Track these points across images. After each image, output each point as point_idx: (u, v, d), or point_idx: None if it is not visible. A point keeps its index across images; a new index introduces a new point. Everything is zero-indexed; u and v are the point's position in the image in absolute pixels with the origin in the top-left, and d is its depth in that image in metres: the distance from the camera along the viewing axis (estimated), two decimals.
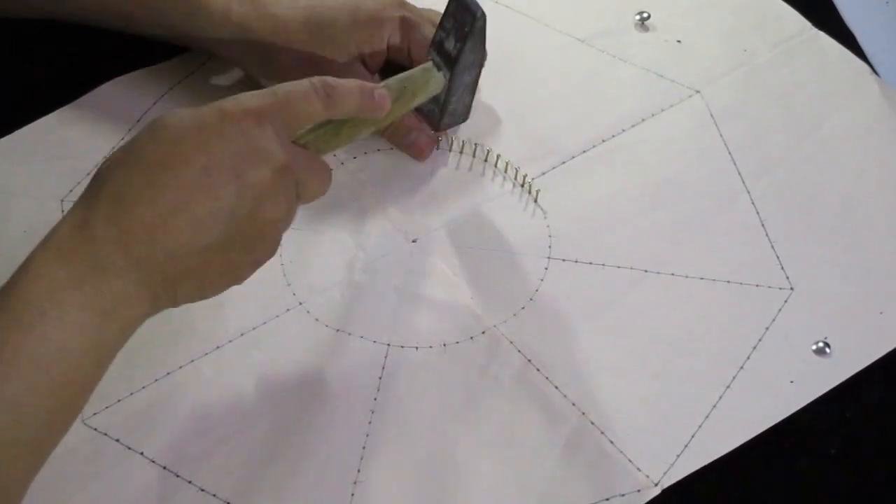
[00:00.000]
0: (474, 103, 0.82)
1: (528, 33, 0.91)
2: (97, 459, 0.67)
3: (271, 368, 0.71)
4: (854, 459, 0.71)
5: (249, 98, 0.61)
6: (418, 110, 0.79)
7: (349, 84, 0.65)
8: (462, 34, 0.74)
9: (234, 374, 0.71)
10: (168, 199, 0.57)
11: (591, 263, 0.78)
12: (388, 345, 0.73)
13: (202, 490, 0.67)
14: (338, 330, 0.73)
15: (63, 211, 0.78)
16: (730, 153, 0.84)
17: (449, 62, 0.75)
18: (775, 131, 0.86)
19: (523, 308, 0.76)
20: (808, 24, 0.92)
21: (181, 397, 0.70)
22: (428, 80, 0.74)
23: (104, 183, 0.58)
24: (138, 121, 0.83)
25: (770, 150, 0.85)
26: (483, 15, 0.74)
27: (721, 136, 0.85)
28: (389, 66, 0.80)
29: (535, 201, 0.81)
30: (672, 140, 0.85)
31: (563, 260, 0.78)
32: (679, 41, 0.91)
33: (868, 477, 0.70)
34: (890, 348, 0.75)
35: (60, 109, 0.83)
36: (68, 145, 0.82)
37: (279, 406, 0.70)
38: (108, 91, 0.85)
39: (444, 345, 0.73)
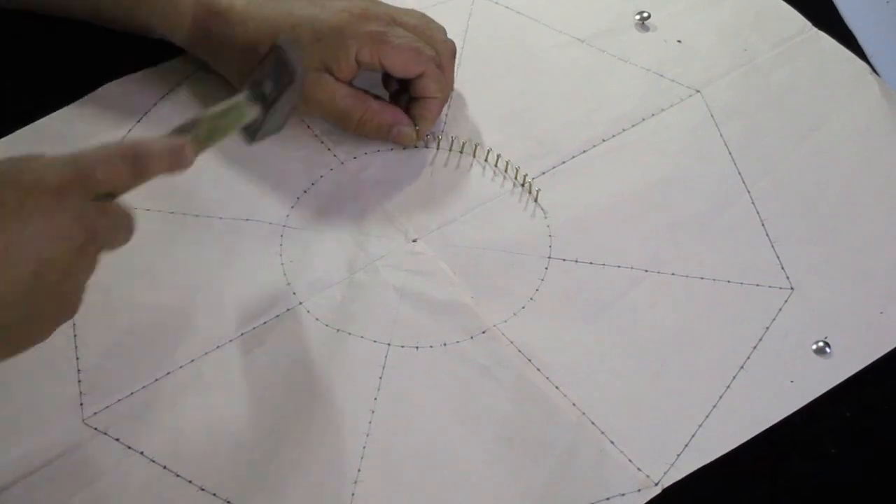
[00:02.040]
0: (474, 104, 0.82)
1: (528, 33, 0.91)
2: (97, 459, 0.67)
3: (271, 368, 0.71)
4: (854, 459, 0.71)
5: (51, 171, 0.60)
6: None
7: (158, 149, 0.63)
8: (282, 84, 0.71)
9: (234, 374, 0.71)
10: None
11: (591, 263, 0.78)
12: (388, 345, 0.73)
13: (202, 490, 0.67)
14: (338, 330, 0.73)
15: None
16: (730, 153, 0.84)
17: (264, 101, 0.71)
18: (775, 131, 0.86)
19: (523, 308, 0.76)
20: (808, 24, 0.92)
21: (181, 397, 0.70)
22: (241, 115, 0.71)
23: None
24: (138, 121, 0.83)
25: (770, 150, 0.85)
26: (301, 75, 0.71)
27: (721, 136, 0.85)
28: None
29: (535, 201, 0.81)
30: (672, 140, 0.85)
31: (563, 260, 0.78)
32: (679, 41, 0.91)
33: (868, 477, 0.70)
34: (890, 348, 0.75)
35: (61, 110, 0.83)
36: (68, 146, 0.81)
37: (279, 406, 0.70)
38: (109, 91, 0.85)
39: (444, 345, 0.73)
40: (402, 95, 0.83)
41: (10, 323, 0.59)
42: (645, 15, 0.92)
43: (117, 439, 0.68)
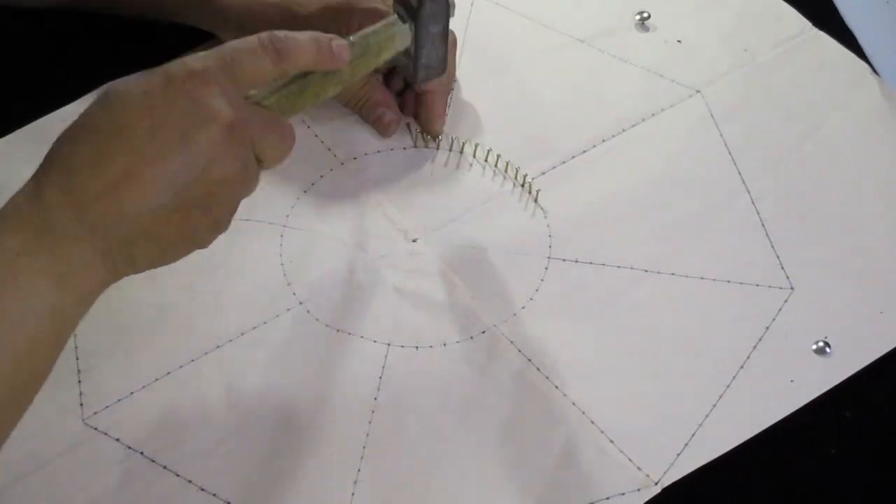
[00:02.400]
0: (474, 104, 0.82)
1: (529, 33, 0.91)
2: (97, 459, 0.67)
3: (271, 368, 0.71)
4: (854, 459, 0.71)
5: (195, 59, 0.60)
6: (393, 66, 0.79)
7: (302, 36, 0.64)
8: None
9: (235, 374, 0.71)
10: (115, 163, 0.57)
11: (591, 263, 0.78)
12: (388, 345, 0.73)
13: (202, 490, 0.67)
14: (338, 330, 0.73)
15: None
16: (730, 153, 0.84)
17: (412, 13, 0.73)
18: (775, 131, 0.86)
19: (523, 308, 0.76)
20: (808, 24, 0.92)
21: (181, 397, 0.70)
22: (393, 33, 0.72)
23: (55, 155, 0.59)
24: None
25: (770, 150, 0.85)
26: None
27: (721, 136, 0.85)
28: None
29: (535, 201, 0.81)
30: (672, 140, 0.85)
31: (563, 260, 0.78)
32: (679, 41, 0.91)
33: (868, 477, 0.70)
34: (890, 348, 0.75)
35: (61, 109, 0.83)
36: None
37: (279, 406, 0.70)
38: None
39: (444, 345, 0.73)
40: (409, 95, 0.83)
41: (162, 205, 0.58)
42: (645, 15, 0.92)
43: (117, 439, 0.68)
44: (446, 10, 0.75)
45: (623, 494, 0.68)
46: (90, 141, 0.58)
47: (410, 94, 0.83)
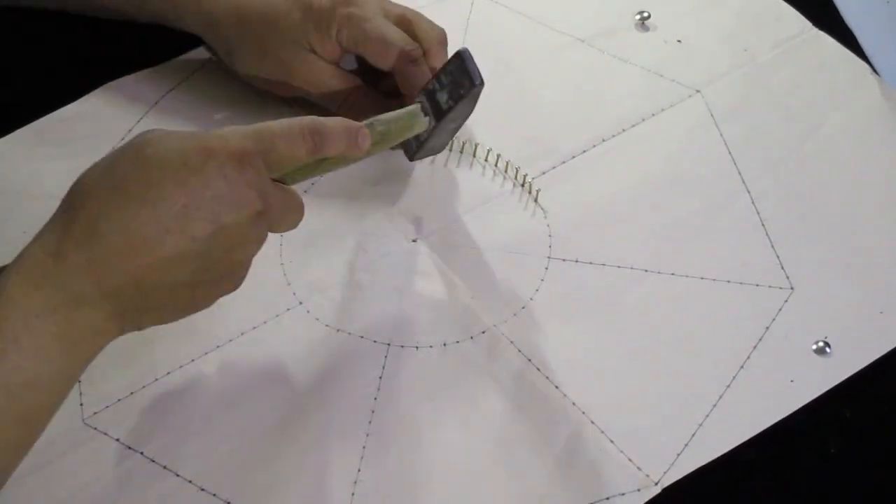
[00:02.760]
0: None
1: (529, 33, 0.91)
2: (97, 459, 0.67)
3: (271, 368, 0.71)
4: (854, 459, 0.71)
5: (235, 138, 0.61)
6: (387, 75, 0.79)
7: (337, 129, 0.65)
8: (457, 95, 0.73)
9: (234, 374, 0.71)
10: (143, 234, 0.58)
11: (591, 263, 0.78)
12: (388, 345, 0.73)
13: (202, 490, 0.67)
14: (338, 330, 0.73)
15: None
16: (730, 153, 0.84)
17: (437, 113, 0.74)
18: (775, 131, 0.86)
19: (523, 308, 0.76)
20: (808, 24, 0.92)
21: (181, 397, 0.70)
22: (413, 124, 0.74)
23: (80, 207, 0.59)
24: (139, 121, 0.83)
25: (770, 150, 0.85)
26: (482, 83, 0.73)
27: (721, 136, 0.85)
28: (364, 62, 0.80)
29: (535, 201, 0.81)
30: (672, 140, 0.85)
31: (563, 260, 0.78)
32: (679, 41, 0.91)
33: (868, 477, 0.70)
34: (890, 348, 0.75)
35: (61, 109, 0.83)
36: (68, 145, 0.82)
37: (279, 406, 0.70)
38: (109, 92, 0.85)
39: (444, 345, 0.73)
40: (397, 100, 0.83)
41: (180, 281, 0.60)
42: (645, 15, 0.92)
43: (117, 439, 0.68)
44: (467, 116, 0.77)
45: (623, 494, 0.68)
46: (119, 203, 0.58)
47: (399, 99, 0.82)
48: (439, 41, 0.80)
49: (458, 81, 0.74)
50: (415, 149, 0.78)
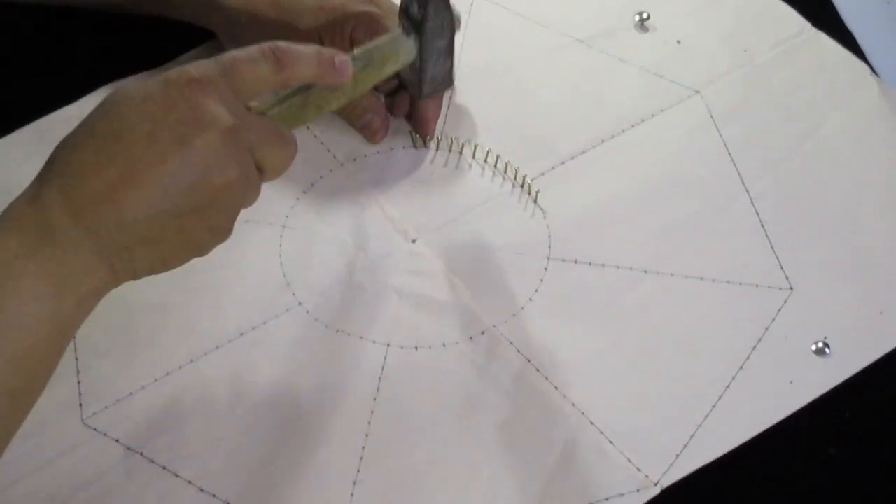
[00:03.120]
0: (474, 104, 0.82)
1: (529, 34, 0.91)
2: (97, 459, 0.67)
3: (271, 368, 0.72)
4: (854, 460, 0.71)
5: (195, 66, 0.60)
6: (400, 81, 0.79)
7: (304, 49, 0.64)
8: None
9: (234, 374, 0.71)
10: (115, 167, 0.57)
11: (590, 263, 0.78)
12: (388, 345, 0.73)
13: (202, 490, 0.67)
14: (338, 330, 0.74)
15: None
16: (730, 153, 0.84)
17: (417, 27, 0.73)
18: (775, 131, 0.86)
19: (523, 308, 0.76)
20: (808, 24, 0.92)
21: (181, 397, 0.70)
22: (397, 47, 0.73)
23: (56, 158, 0.59)
24: None
25: (770, 150, 0.85)
26: None
27: (721, 136, 0.85)
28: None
29: (535, 201, 0.81)
30: (672, 140, 0.85)
31: (563, 260, 0.78)
32: (679, 41, 0.91)
33: (868, 477, 0.70)
34: (890, 348, 0.75)
35: (61, 109, 0.83)
36: None
37: (279, 406, 0.70)
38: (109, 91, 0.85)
39: (444, 345, 0.73)
40: (401, 95, 0.83)
41: (161, 210, 0.58)
42: (645, 15, 0.92)
43: (117, 439, 0.68)
44: (451, 23, 0.75)
45: (622, 495, 0.68)
46: (89, 145, 0.58)
47: (403, 94, 0.83)
48: None
49: None
50: (417, 84, 0.76)
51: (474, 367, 0.73)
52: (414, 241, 0.78)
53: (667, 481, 0.68)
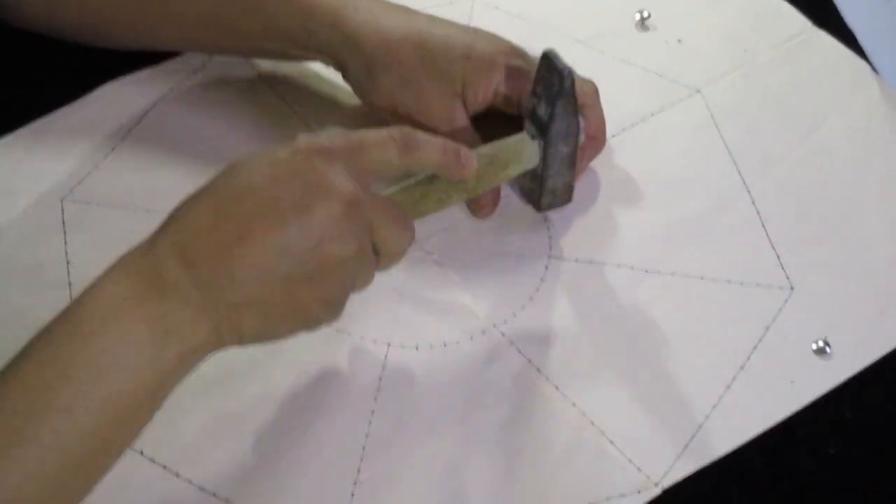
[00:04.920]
0: None
1: (528, 36, 0.90)
2: None
3: (271, 368, 0.71)
4: (854, 460, 0.71)
5: (324, 136, 0.61)
6: (519, 189, 0.79)
7: (431, 138, 0.64)
8: (551, 98, 0.72)
9: (234, 374, 0.71)
10: (232, 225, 0.58)
11: (590, 263, 0.78)
12: (388, 345, 0.73)
13: (202, 490, 0.67)
14: (338, 330, 0.73)
15: (63, 211, 0.78)
16: (730, 153, 0.84)
17: (542, 130, 0.73)
18: (775, 131, 0.86)
19: (523, 308, 0.76)
20: (808, 23, 0.92)
21: (180, 397, 0.70)
22: (521, 148, 0.73)
23: (175, 215, 0.59)
24: (139, 121, 0.83)
25: (770, 150, 0.85)
26: (570, 74, 0.71)
27: (721, 136, 0.85)
28: (495, 115, 0.78)
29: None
30: (672, 140, 0.85)
31: (563, 260, 0.78)
32: (679, 41, 0.91)
33: (868, 477, 0.70)
34: (890, 348, 0.75)
35: (60, 109, 0.83)
36: (68, 145, 0.82)
37: (279, 406, 0.70)
38: (109, 91, 0.85)
39: (444, 345, 0.73)
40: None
41: (273, 272, 0.58)
42: (645, 15, 0.92)
43: None
44: (577, 130, 0.75)
45: (623, 496, 0.68)
46: (209, 203, 0.59)
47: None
48: (593, 94, 0.79)
49: (549, 83, 0.72)
50: (538, 192, 0.77)
51: (474, 366, 0.73)
52: (413, 242, 0.78)
53: (668, 482, 0.68)
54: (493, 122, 0.78)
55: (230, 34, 0.80)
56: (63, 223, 0.78)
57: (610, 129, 0.85)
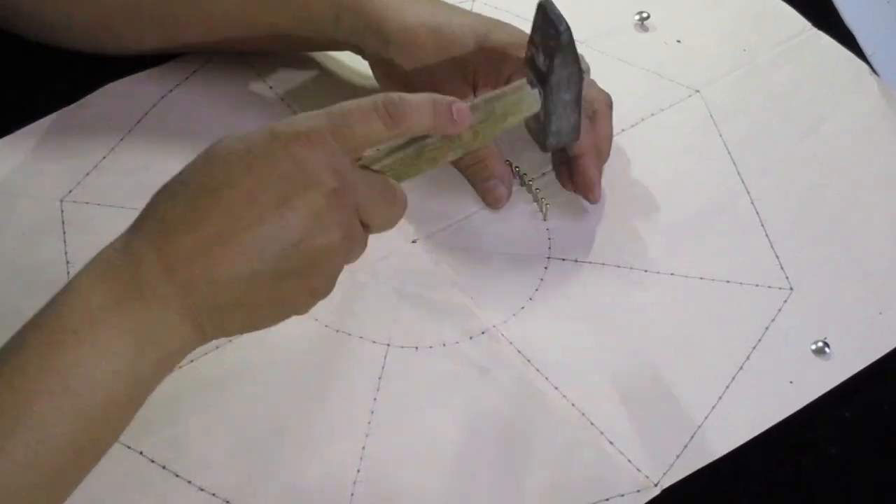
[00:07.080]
0: None
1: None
2: None
3: (271, 368, 0.71)
4: (854, 459, 0.71)
5: (303, 119, 0.59)
6: (528, 129, 0.77)
7: (419, 99, 0.61)
8: (549, 50, 0.70)
9: (234, 375, 0.71)
10: (211, 224, 0.55)
11: (590, 263, 0.78)
12: (388, 345, 0.73)
13: (202, 490, 0.67)
14: (338, 330, 0.73)
15: (63, 211, 0.78)
16: (730, 153, 0.84)
17: (541, 78, 0.71)
18: (775, 131, 0.86)
19: (523, 308, 0.76)
20: (808, 24, 0.92)
21: (181, 397, 0.70)
22: (520, 98, 0.70)
23: (150, 208, 0.57)
24: (139, 121, 0.83)
25: (770, 150, 0.85)
26: (567, 29, 0.70)
27: (721, 136, 0.85)
28: None
29: (535, 201, 0.81)
30: (672, 140, 0.85)
31: (563, 260, 0.78)
32: (679, 41, 0.91)
33: (868, 477, 0.70)
34: (890, 348, 0.75)
35: (61, 110, 0.83)
36: (68, 145, 0.82)
37: (279, 406, 0.70)
38: (109, 92, 0.85)
39: (444, 345, 0.73)
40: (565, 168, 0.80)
41: (257, 271, 0.56)
42: (645, 15, 0.92)
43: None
44: (579, 76, 0.72)
45: (622, 496, 0.68)
46: (186, 197, 0.56)
47: (566, 166, 0.79)
48: (606, 106, 0.78)
49: (546, 34, 0.71)
50: (542, 136, 0.74)
51: (474, 367, 0.73)
52: (414, 242, 0.78)
53: (667, 482, 0.68)
54: None
55: (257, 28, 0.80)
56: (62, 223, 0.78)
57: None
